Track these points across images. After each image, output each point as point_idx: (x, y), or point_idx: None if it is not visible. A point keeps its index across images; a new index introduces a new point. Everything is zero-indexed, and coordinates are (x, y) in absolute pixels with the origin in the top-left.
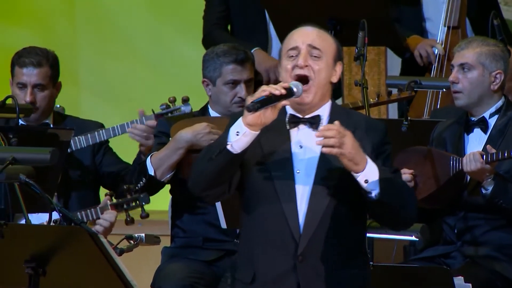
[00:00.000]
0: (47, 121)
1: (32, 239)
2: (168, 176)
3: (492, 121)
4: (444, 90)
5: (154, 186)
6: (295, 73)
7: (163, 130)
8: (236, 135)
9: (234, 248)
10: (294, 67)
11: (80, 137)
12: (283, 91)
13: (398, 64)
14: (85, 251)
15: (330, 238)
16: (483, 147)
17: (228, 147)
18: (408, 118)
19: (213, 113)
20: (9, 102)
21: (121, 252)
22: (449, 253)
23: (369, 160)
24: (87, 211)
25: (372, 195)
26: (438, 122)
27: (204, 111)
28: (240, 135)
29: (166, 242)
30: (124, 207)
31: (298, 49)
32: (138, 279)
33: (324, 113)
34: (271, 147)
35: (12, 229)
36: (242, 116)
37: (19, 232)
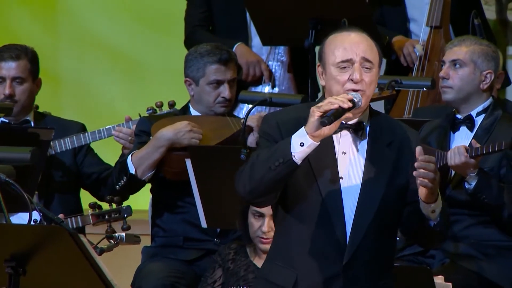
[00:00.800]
0: (27, 117)
1: (12, 238)
2: (149, 175)
3: (478, 119)
4: (424, 89)
5: (135, 185)
6: (349, 87)
7: (144, 129)
8: (300, 146)
9: (214, 247)
10: (348, 80)
11: (65, 139)
12: (350, 104)
13: (382, 65)
14: (65, 251)
15: (373, 248)
16: (468, 143)
17: (293, 159)
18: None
19: (194, 112)
20: None
21: (101, 251)
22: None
23: (438, 191)
24: (68, 219)
25: (432, 223)
26: (421, 121)
27: (185, 110)
28: (304, 147)
29: (146, 241)
30: (106, 218)
31: (351, 61)
32: (118, 278)
33: (365, 120)
34: (315, 153)
35: None
36: (306, 127)
37: None
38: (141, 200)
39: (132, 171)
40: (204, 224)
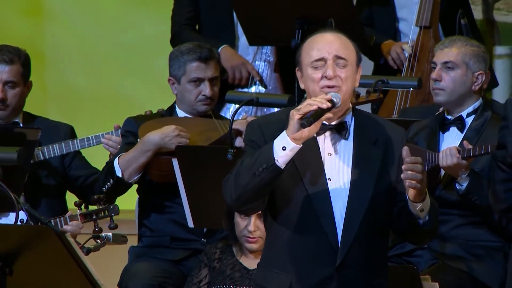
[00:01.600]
0: (16, 119)
1: None
2: (136, 178)
3: (468, 120)
4: (411, 89)
5: (121, 187)
6: (324, 84)
7: (131, 130)
8: (283, 149)
9: (201, 247)
10: (322, 77)
11: (54, 145)
12: (329, 104)
13: (370, 66)
14: (52, 251)
15: (365, 248)
16: (459, 144)
17: (277, 163)
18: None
19: (180, 112)
20: None
21: (88, 251)
22: (416, 249)
23: (426, 190)
24: (56, 219)
25: (421, 221)
26: (408, 121)
27: (171, 110)
28: (286, 151)
29: (133, 241)
30: (93, 217)
31: (324, 59)
32: (105, 278)
33: (349, 119)
34: (301, 155)
35: None
36: (287, 131)
37: None
38: (128, 200)
39: (118, 174)
40: (191, 224)
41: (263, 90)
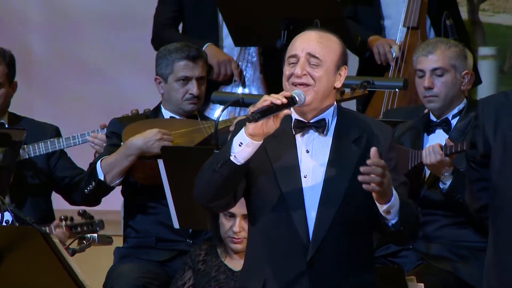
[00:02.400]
0: (2, 120)
1: None
2: (118, 182)
3: (454, 122)
4: (396, 90)
5: (103, 190)
6: (292, 81)
7: (115, 131)
8: (239, 146)
9: (186, 248)
10: (291, 75)
11: (39, 144)
12: (284, 100)
13: (355, 64)
14: (37, 252)
15: (339, 244)
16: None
17: (232, 158)
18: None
19: (166, 112)
20: None
21: (73, 252)
22: (401, 250)
23: (394, 192)
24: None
25: (389, 223)
26: (393, 122)
27: (157, 111)
28: (243, 146)
29: (118, 242)
30: (79, 230)
31: (297, 57)
32: (91, 279)
33: (329, 117)
34: (277, 153)
35: None
36: (245, 127)
37: None
38: (113, 200)
39: (100, 177)
40: (176, 225)
41: (246, 90)
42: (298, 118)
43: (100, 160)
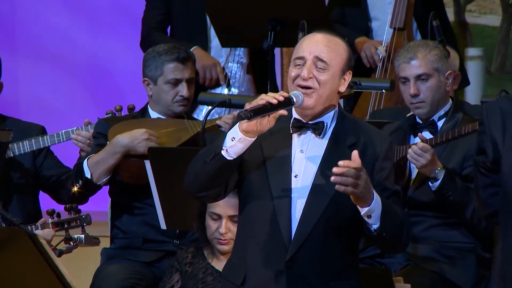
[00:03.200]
0: None
1: None
2: (105, 180)
3: (440, 123)
4: (383, 91)
5: (90, 188)
6: (297, 83)
7: (101, 131)
8: (232, 140)
9: (174, 249)
10: (297, 77)
11: (24, 142)
12: (281, 99)
13: None
14: (24, 253)
15: (321, 247)
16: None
17: (223, 153)
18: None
19: (153, 113)
20: None
21: (60, 253)
22: None
23: (375, 195)
24: (28, 227)
25: (371, 228)
26: (380, 123)
27: (143, 112)
28: (235, 141)
29: (105, 243)
30: (65, 226)
31: (304, 59)
32: (78, 280)
33: (328, 120)
34: (272, 150)
35: None
36: (239, 122)
37: None
38: (100, 201)
39: (87, 175)
40: (163, 225)
41: (235, 91)
42: (298, 117)
43: (87, 159)
